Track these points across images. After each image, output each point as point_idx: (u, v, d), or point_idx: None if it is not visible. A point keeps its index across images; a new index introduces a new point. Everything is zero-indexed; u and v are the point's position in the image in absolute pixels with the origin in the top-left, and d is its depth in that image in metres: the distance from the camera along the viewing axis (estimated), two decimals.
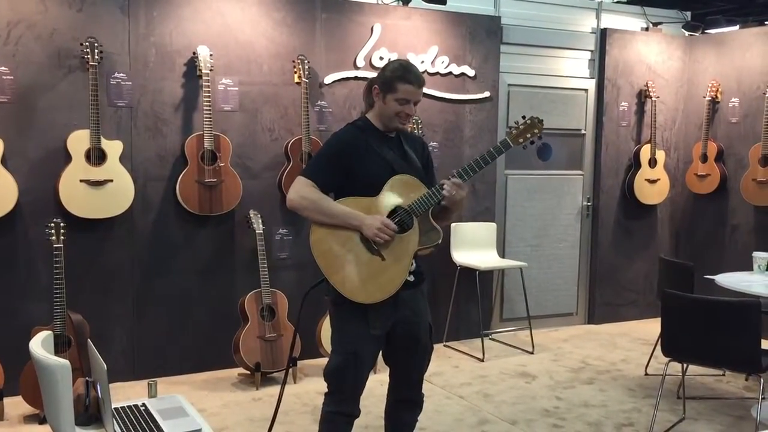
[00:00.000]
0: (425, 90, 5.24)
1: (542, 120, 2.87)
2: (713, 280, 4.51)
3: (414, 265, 2.83)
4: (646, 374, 4.95)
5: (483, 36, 5.62)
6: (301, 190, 2.72)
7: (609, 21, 6.29)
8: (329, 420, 2.84)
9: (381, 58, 5.17)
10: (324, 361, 2.97)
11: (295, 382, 4.62)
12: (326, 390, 2.86)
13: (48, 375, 2.06)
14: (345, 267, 2.70)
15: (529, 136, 2.85)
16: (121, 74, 4.46)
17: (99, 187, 4.27)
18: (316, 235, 2.73)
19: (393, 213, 2.73)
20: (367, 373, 2.85)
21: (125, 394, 4.25)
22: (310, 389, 4.51)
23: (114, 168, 4.30)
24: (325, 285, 2.77)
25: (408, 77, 2.74)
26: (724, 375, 4.89)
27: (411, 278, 2.82)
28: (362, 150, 2.76)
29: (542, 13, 6.01)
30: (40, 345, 2.20)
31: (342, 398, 2.82)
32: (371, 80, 2.87)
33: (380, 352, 2.92)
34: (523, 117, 2.88)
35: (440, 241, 2.78)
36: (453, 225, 5.55)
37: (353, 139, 2.78)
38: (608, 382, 4.82)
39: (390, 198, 2.74)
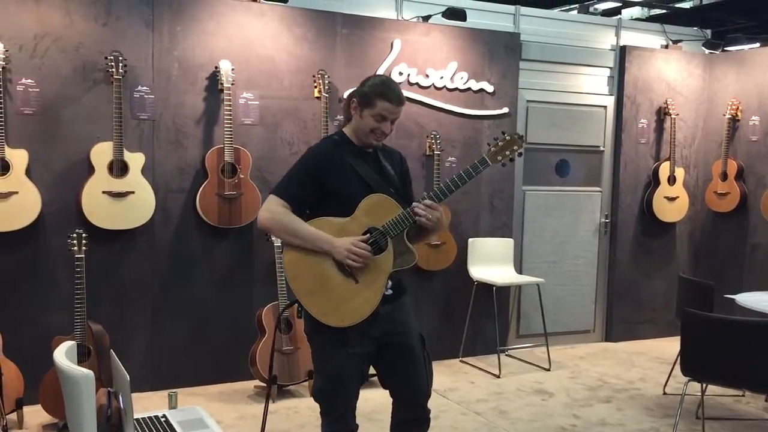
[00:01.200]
0: (445, 105, 5.43)
1: (522, 136, 2.75)
2: (733, 299, 4.47)
3: (390, 281, 2.72)
4: (665, 393, 4.91)
5: (502, 52, 5.64)
6: (272, 210, 2.63)
7: (628, 38, 6.29)
8: None
9: (400, 74, 5.21)
10: None
11: (311, 395, 4.62)
12: (319, 410, 2.80)
13: (72, 385, 2.09)
14: (318, 290, 2.61)
15: (507, 153, 2.72)
16: (145, 88, 4.52)
17: (121, 198, 4.32)
18: (288, 257, 2.65)
19: (366, 234, 2.63)
20: (355, 390, 2.77)
21: (143, 405, 4.27)
22: None
23: (136, 180, 4.36)
24: (299, 308, 2.67)
25: (388, 94, 2.63)
26: (743, 395, 4.83)
27: (389, 292, 2.70)
28: (337, 165, 2.66)
29: (562, 30, 6.03)
30: (64, 355, 2.23)
31: (334, 418, 2.76)
32: (351, 93, 2.76)
33: (376, 374, 2.85)
34: (503, 133, 2.77)
35: (415, 263, 2.66)
36: (470, 240, 5.55)
37: (328, 154, 2.69)
38: (626, 400, 4.79)
39: (364, 219, 2.63)
